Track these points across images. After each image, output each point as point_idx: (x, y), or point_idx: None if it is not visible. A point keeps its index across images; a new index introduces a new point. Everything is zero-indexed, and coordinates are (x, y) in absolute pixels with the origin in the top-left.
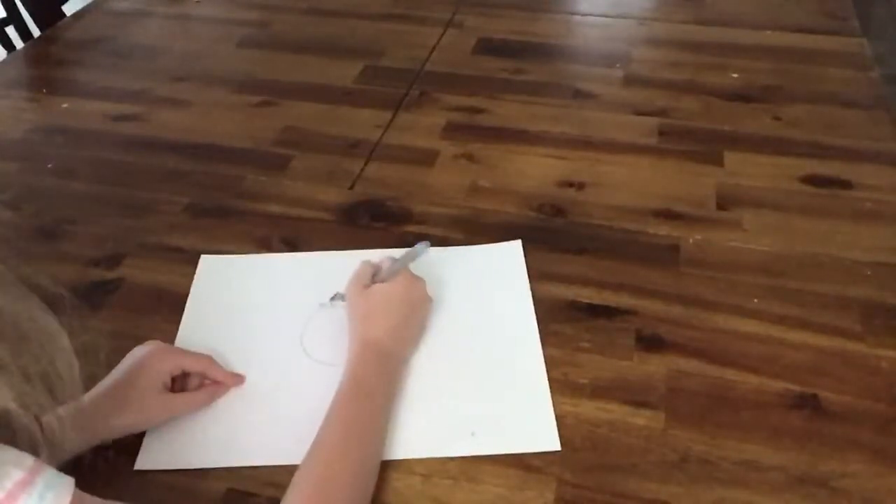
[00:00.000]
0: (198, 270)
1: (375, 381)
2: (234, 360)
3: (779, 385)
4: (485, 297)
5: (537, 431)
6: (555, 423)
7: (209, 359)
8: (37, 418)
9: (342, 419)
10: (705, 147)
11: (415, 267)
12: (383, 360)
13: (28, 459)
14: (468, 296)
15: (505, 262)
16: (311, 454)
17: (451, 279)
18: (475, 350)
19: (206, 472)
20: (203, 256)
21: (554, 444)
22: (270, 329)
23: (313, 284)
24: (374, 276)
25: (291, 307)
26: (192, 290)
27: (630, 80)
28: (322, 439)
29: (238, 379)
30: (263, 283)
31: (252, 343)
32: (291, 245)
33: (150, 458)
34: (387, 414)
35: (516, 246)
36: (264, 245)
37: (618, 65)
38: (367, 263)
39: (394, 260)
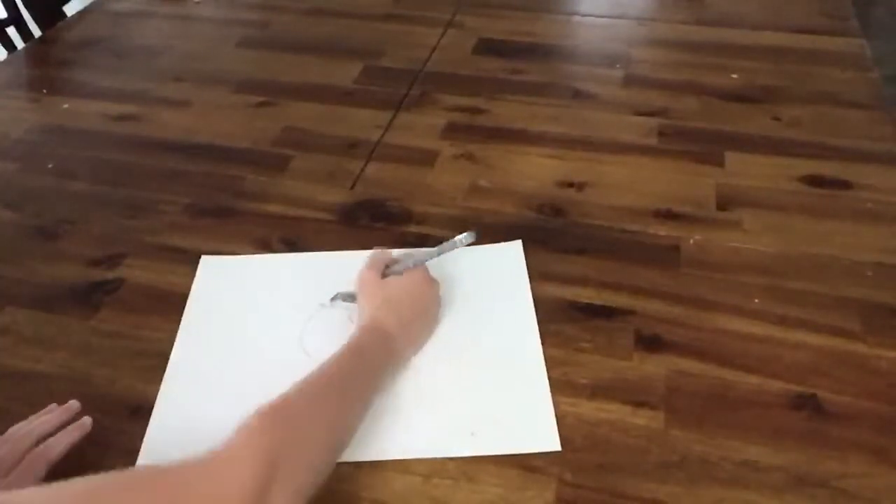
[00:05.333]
0: (198, 271)
1: (374, 353)
2: (234, 360)
3: (779, 385)
4: (485, 298)
5: (537, 431)
6: (555, 423)
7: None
8: None
9: (331, 373)
10: (705, 147)
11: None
12: (388, 345)
13: None
14: (469, 296)
15: (505, 262)
16: (284, 394)
17: (452, 279)
18: (475, 350)
19: None
20: (203, 257)
21: (554, 445)
22: (271, 329)
23: (313, 285)
24: (388, 266)
25: (291, 307)
26: (193, 290)
27: (630, 80)
28: (302, 382)
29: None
30: (263, 283)
31: (252, 343)
32: (291, 245)
33: (150, 461)
34: (375, 388)
35: (517, 246)
36: (264, 245)
37: (618, 65)
38: (383, 251)
39: (424, 252)
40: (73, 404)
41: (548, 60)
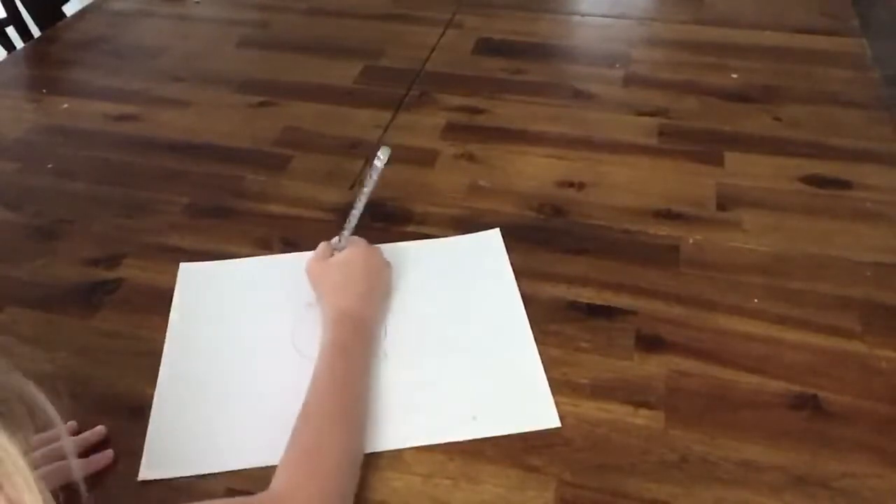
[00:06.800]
0: (178, 279)
1: (354, 344)
2: (226, 366)
3: (779, 385)
4: (470, 285)
5: (537, 411)
6: (552, 401)
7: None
8: None
9: (328, 384)
10: (705, 147)
11: (401, 259)
12: (359, 325)
13: None
14: (454, 284)
15: (486, 250)
16: (301, 421)
17: (436, 270)
18: (468, 337)
19: (205, 473)
20: (182, 264)
21: (554, 422)
22: (260, 332)
23: (296, 284)
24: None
25: (278, 309)
26: (175, 300)
27: (630, 80)
28: (310, 404)
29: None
30: (246, 287)
31: (243, 348)
32: (291, 245)
33: (153, 468)
34: (368, 375)
35: (495, 234)
36: (264, 245)
37: (618, 65)
38: (325, 243)
39: (357, 209)
40: (100, 430)
41: (548, 60)
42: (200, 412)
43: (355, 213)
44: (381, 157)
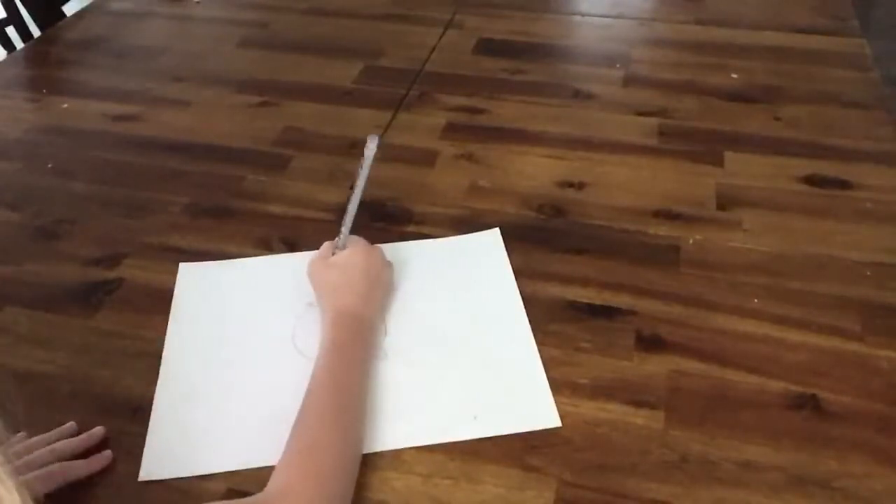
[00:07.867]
0: (178, 279)
1: (353, 344)
2: (226, 366)
3: (779, 385)
4: (470, 285)
5: (537, 410)
6: (552, 400)
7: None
8: None
9: (326, 383)
10: (705, 147)
11: (401, 258)
12: (358, 324)
13: None
14: (454, 284)
15: (485, 249)
16: (299, 421)
17: (436, 270)
18: (468, 337)
19: (205, 473)
20: (182, 265)
21: (554, 421)
22: (261, 332)
23: (296, 284)
24: (335, 251)
25: (278, 309)
26: (175, 300)
27: (630, 80)
28: (308, 405)
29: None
30: (246, 287)
31: (244, 348)
32: (291, 245)
33: (153, 469)
34: (367, 374)
35: (495, 234)
36: (264, 245)
37: (618, 65)
38: (329, 243)
39: (353, 206)
40: (98, 431)
41: (548, 60)
42: (200, 412)
43: (351, 209)
44: (371, 147)
